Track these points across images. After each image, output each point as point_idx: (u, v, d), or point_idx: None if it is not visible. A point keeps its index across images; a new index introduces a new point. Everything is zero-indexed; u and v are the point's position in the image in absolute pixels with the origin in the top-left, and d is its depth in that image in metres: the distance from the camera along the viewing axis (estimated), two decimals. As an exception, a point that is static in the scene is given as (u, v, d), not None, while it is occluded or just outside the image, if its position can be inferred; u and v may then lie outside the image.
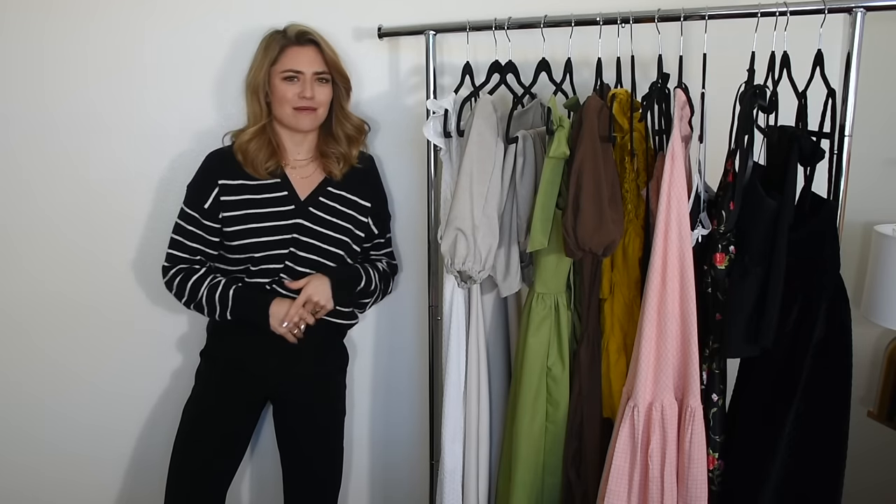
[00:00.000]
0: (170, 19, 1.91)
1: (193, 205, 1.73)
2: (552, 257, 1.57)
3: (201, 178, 1.74)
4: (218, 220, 1.72)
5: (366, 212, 1.81)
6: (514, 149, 1.56)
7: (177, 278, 1.74)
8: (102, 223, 2.04)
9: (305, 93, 1.67)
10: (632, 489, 1.48)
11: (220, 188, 1.71)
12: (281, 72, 1.67)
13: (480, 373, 1.70)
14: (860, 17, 1.37)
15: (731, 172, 1.39)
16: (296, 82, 1.68)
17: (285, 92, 1.68)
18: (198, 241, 1.74)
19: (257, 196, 1.71)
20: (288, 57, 1.68)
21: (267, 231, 1.70)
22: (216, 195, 1.71)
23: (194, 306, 1.74)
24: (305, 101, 1.68)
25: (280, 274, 1.72)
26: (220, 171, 1.72)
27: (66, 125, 1.99)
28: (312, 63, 1.69)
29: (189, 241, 1.74)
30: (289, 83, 1.68)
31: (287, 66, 1.67)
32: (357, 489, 2.19)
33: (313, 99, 1.69)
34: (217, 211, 1.72)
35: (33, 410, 2.16)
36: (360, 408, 2.13)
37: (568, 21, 1.56)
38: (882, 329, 1.76)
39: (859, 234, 1.77)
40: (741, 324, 1.40)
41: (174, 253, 1.76)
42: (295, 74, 1.67)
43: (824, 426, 1.39)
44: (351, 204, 1.78)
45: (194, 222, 1.73)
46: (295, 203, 1.73)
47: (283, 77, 1.67)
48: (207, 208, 1.72)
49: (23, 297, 2.10)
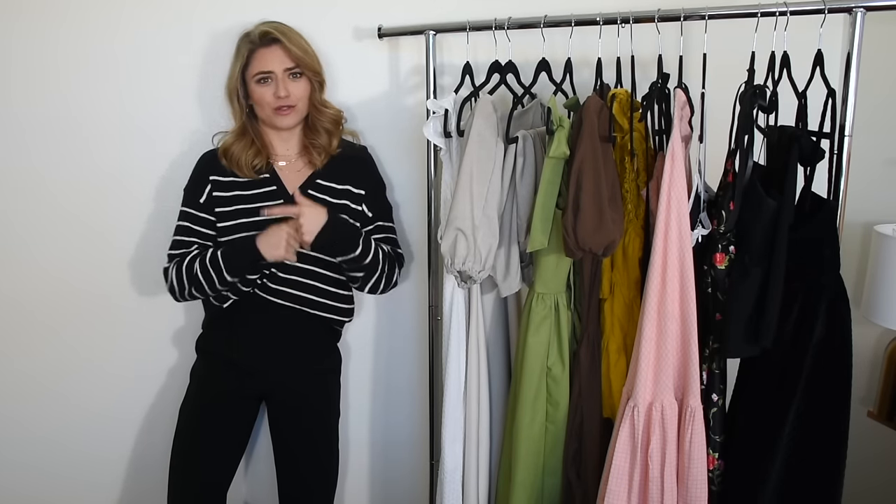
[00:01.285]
0: (165, 16, 1.92)
1: (190, 203, 1.76)
2: (552, 257, 1.57)
3: (195, 176, 1.78)
4: (213, 214, 1.74)
5: (359, 200, 1.80)
6: (514, 149, 1.56)
7: (173, 271, 1.73)
8: (98, 221, 2.05)
9: (279, 92, 1.67)
10: (632, 489, 1.48)
11: (212, 184, 1.74)
12: (253, 76, 1.69)
13: (480, 373, 1.70)
14: (860, 17, 1.37)
15: (731, 172, 1.39)
16: (269, 83, 1.68)
17: (262, 94, 1.69)
18: (196, 235, 1.76)
19: (247, 192, 1.73)
20: (256, 60, 1.68)
21: (257, 226, 1.70)
22: (209, 191, 1.74)
23: (196, 289, 1.70)
24: (281, 100, 1.68)
25: (272, 268, 1.72)
26: (212, 168, 1.75)
27: (65, 124, 2.00)
28: (281, 61, 1.68)
29: (188, 238, 1.76)
30: (263, 85, 1.69)
31: (256, 69, 1.68)
32: (357, 489, 2.19)
33: (289, 97, 1.68)
34: (211, 206, 1.74)
35: (31, 408, 2.17)
36: (359, 408, 2.13)
37: (568, 21, 1.56)
38: (882, 329, 1.76)
39: (859, 234, 1.77)
40: (741, 324, 1.40)
41: (174, 253, 1.76)
42: (266, 76, 1.68)
43: (824, 426, 1.39)
44: (343, 194, 1.77)
45: (192, 219, 1.75)
46: (284, 197, 1.73)
47: (256, 80, 1.69)
48: (203, 203, 1.74)
49: (20, 297, 2.10)
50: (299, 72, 1.70)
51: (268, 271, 1.73)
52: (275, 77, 1.68)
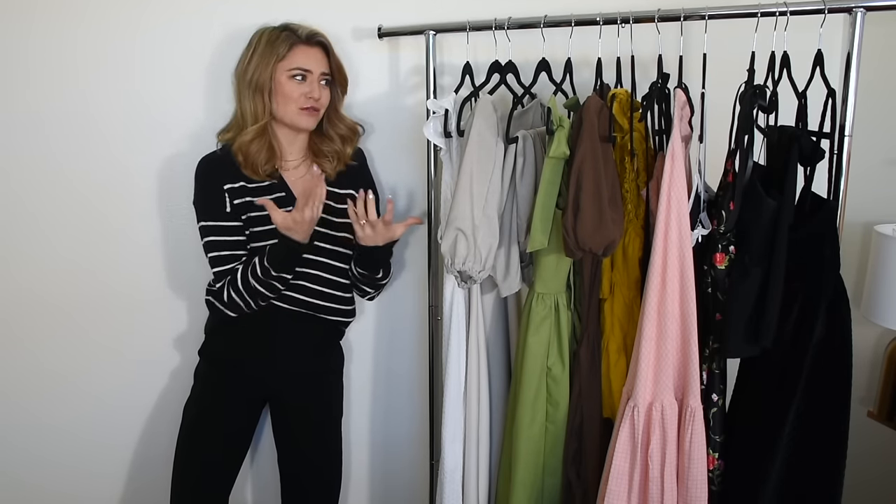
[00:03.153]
0: (163, 15, 1.91)
1: (210, 216, 1.70)
2: (552, 257, 1.57)
3: (207, 188, 1.71)
4: (240, 220, 1.70)
5: None
6: (514, 149, 1.56)
7: (230, 291, 1.68)
8: (100, 222, 2.04)
9: (314, 93, 1.66)
10: (632, 489, 1.48)
11: (228, 193, 1.69)
12: (288, 69, 1.65)
13: (480, 373, 1.70)
14: (860, 17, 1.37)
15: (731, 172, 1.39)
16: (303, 82, 1.66)
17: (292, 90, 1.65)
18: (234, 246, 1.70)
19: (256, 198, 1.70)
20: (297, 55, 1.66)
21: (266, 233, 1.69)
22: (229, 200, 1.69)
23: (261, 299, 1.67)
24: (312, 101, 1.67)
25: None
26: (222, 176, 1.69)
27: (65, 124, 1.99)
28: (320, 64, 1.69)
29: (225, 251, 1.70)
30: (296, 82, 1.66)
31: (297, 63, 1.65)
32: (357, 489, 2.19)
33: (319, 99, 1.68)
34: (237, 213, 1.69)
35: (35, 408, 2.17)
36: (360, 408, 2.13)
37: (568, 21, 1.56)
38: (882, 329, 1.76)
39: (859, 234, 1.77)
40: (741, 324, 1.40)
41: (221, 269, 1.70)
42: (304, 73, 1.66)
43: (824, 426, 1.39)
44: (345, 199, 1.76)
45: (220, 231, 1.69)
46: (292, 204, 1.71)
47: (291, 75, 1.65)
48: (230, 212, 1.69)
49: (21, 297, 2.10)
50: (329, 79, 1.71)
51: None
52: (311, 77, 1.66)
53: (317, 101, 1.68)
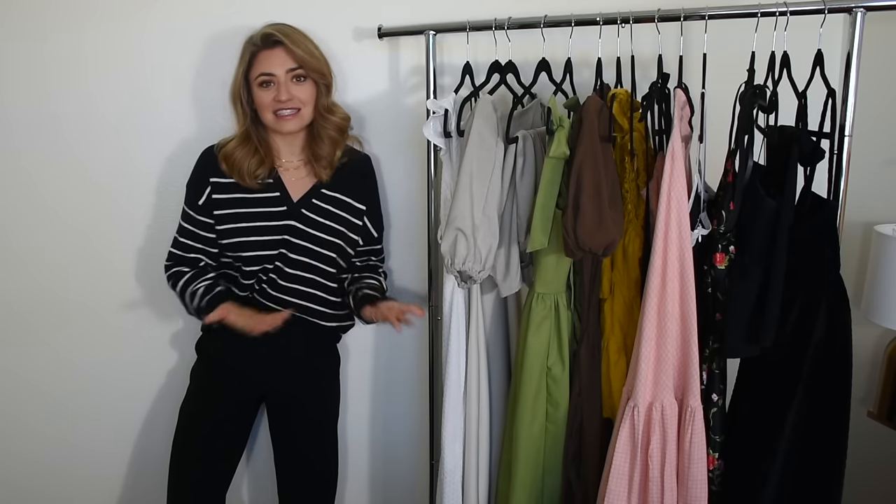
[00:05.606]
0: (168, 17, 1.92)
1: (190, 203, 1.75)
2: (552, 257, 1.57)
3: (195, 175, 1.75)
4: (212, 216, 1.72)
5: (360, 214, 1.79)
6: (514, 149, 1.56)
7: (171, 280, 1.76)
8: (100, 222, 2.05)
9: (280, 96, 1.63)
10: (632, 489, 1.48)
11: (212, 186, 1.71)
12: (255, 78, 1.65)
13: (480, 373, 1.70)
14: (860, 17, 1.37)
15: (731, 172, 1.39)
16: (271, 87, 1.65)
17: (263, 98, 1.65)
18: (196, 239, 1.75)
19: (249, 195, 1.71)
20: (258, 62, 1.65)
21: (257, 231, 1.69)
22: (209, 193, 1.72)
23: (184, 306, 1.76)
24: (281, 104, 1.64)
25: (270, 274, 1.72)
26: (213, 168, 1.72)
27: (66, 124, 2.00)
28: (283, 63, 1.64)
29: (188, 240, 1.75)
30: (265, 89, 1.65)
31: (258, 71, 1.64)
32: (357, 489, 2.19)
33: (291, 100, 1.65)
34: (210, 208, 1.72)
35: (32, 407, 2.17)
36: (359, 408, 2.13)
37: (568, 21, 1.56)
38: (882, 329, 1.76)
39: (859, 234, 1.77)
40: (741, 324, 1.40)
41: (175, 252, 1.77)
42: (268, 79, 1.64)
43: (824, 426, 1.39)
44: (345, 206, 1.76)
45: (191, 220, 1.75)
46: (287, 205, 1.72)
47: (259, 83, 1.65)
48: (202, 205, 1.72)
49: (21, 294, 2.10)
50: (304, 74, 1.66)
51: (265, 277, 1.72)
52: (276, 80, 1.64)
53: (287, 102, 1.64)
